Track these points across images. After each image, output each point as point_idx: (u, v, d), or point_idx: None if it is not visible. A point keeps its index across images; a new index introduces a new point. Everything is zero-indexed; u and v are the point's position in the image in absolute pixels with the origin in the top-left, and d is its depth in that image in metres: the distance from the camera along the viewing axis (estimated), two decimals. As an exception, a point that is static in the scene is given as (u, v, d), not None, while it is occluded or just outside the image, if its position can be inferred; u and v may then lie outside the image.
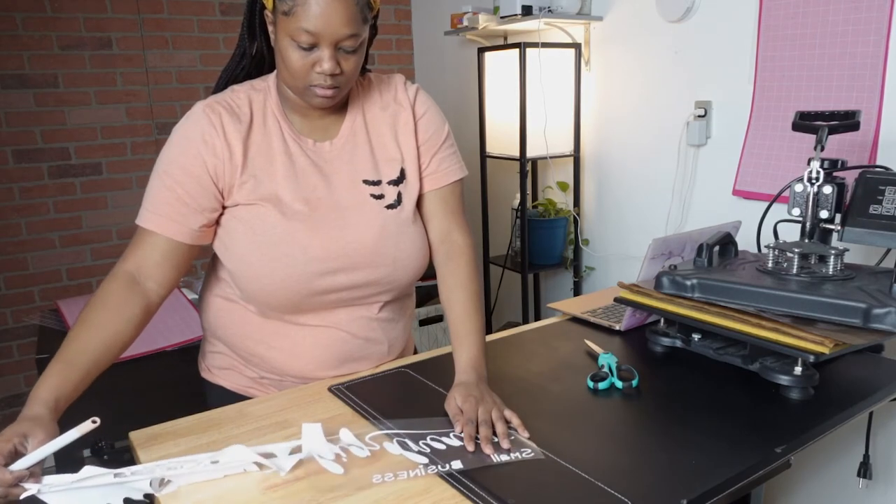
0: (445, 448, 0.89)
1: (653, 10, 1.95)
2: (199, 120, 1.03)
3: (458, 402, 0.95)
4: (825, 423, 0.96)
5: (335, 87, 0.99)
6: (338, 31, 0.94)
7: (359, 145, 1.11)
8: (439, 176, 1.15)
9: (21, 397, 2.55)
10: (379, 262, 1.09)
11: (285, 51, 0.97)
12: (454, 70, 2.84)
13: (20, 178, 2.42)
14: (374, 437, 0.92)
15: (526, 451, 0.88)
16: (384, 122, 1.12)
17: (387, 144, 1.12)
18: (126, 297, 1.01)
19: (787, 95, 1.65)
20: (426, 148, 1.14)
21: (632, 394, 1.05)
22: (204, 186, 1.02)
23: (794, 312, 1.04)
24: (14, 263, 2.45)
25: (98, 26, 2.46)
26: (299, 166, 1.06)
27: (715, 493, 0.81)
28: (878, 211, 1.12)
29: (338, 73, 0.97)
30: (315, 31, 0.93)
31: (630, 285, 1.25)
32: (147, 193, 1.04)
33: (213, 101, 1.05)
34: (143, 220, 1.03)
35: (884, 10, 1.44)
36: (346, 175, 1.09)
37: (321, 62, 0.96)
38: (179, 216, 1.01)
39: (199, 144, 1.01)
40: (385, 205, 1.10)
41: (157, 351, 1.72)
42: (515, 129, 2.13)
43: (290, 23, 0.94)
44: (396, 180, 1.12)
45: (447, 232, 1.16)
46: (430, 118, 1.15)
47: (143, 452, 0.93)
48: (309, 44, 0.95)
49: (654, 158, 2.04)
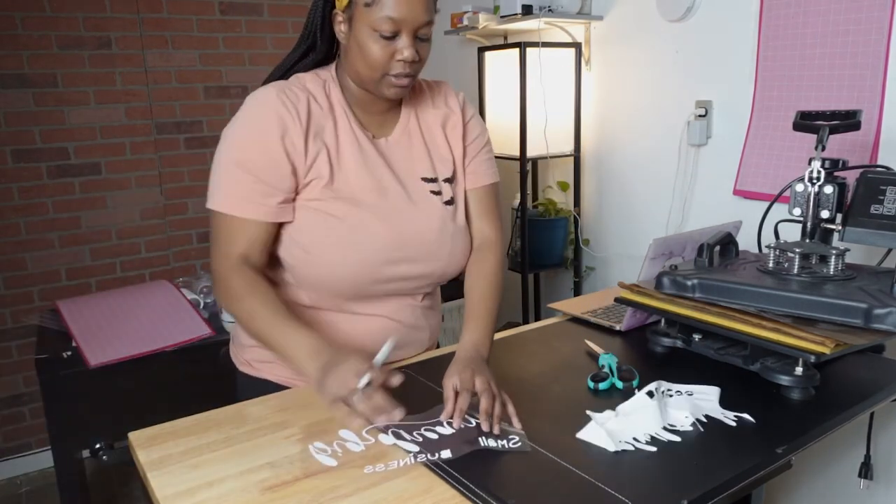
0: (437, 437, 0.90)
1: (653, 9, 1.95)
2: (274, 104, 1.02)
3: (455, 374, 0.97)
4: (826, 424, 0.96)
5: (412, 74, 1.03)
6: (418, 17, 0.98)
7: (414, 143, 1.15)
8: (478, 177, 1.20)
9: (20, 397, 2.55)
10: (437, 255, 1.13)
11: (365, 43, 0.99)
12: (454, 70, 2.83)
13: (19, 177, 2.41)
14: (370, 431, 0.93)
15: (513, 440, 0.89)
16: (436, 121, 1.17)
17: (439, 144, 1.17)
18: (260, 276, 1.05)
19: (787, 95, 1.65)
20: (470, 149, 1.20)
21: (632, 394, 1.04)
22: (284, 172, 1.03)
23: (794, 313, 1.04)
24: (13, 263, 2.45)
25: (97, 26, 2.46)
26: (367, 155, 1.09)
27: (715, 493, 0.80)
28: (879, 211, 1.12)
29: (416, 61, 1.01)
30: (399, 19, 0.97)
31: (630, 285, 1.25)
32: (221, 178, 1.03)
33: (284, 85, 1.05)
34: (229, 207, 1.03)
35: (885, 9, 1.44)
36: (406, 170, 1.13)
37: (402, 50, 0.99)
38: (266, 198, 1.03)
39: (279, 130, 1.02)
40: (444, 200, 1.15)
41: (157, 351, 1.71)
42: (516, 129, 2.13)
43: (371, 13, 0.97)
44: (450, 178, 1.17)
45: (480, 230, 1.21)
46: (476, 123, 1.22)
47: (142, 453, 0.92)
48: (391, 31, 0.98)
49: (654, 158, 2.04)
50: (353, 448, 0.90)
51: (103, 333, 1.76)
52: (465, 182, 1.20)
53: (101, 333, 1.76)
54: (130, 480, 2.49)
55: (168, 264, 2.73)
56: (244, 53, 2.73)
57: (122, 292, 2.02)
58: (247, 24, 2.72)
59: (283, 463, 0.87)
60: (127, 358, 1.67)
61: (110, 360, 1.66)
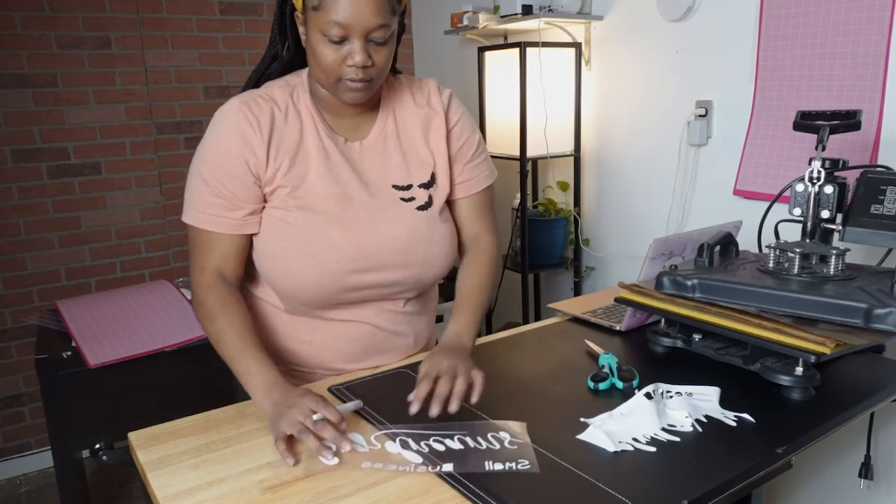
0: (444, 450, 0.88)
1: (653, 9, 1.95)
2: (236, 118, 1.03)
3: (428, 359, 0.96)
4: (826, 424, 0.96)
5: (367, 80, 1.00)
6: (367, 21, 0.95)
7: (389, 148, 1.12)
8: (472, 184, 1.18)
9: (20, 397, 2.55)
10: (409, 262, 1.11)
11: (316, 46, 0.98)
12: (454, 69, 2.83)
13: (19, 177, 2.41)
14: (378, 437, 0.93)
15: (523, 463, 0.85)
16: (415, 123, 1.13)
17: (417, 148, 1.13)
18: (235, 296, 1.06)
19: (788, 95, 1.65)
20: (459, 156, 1.16)
21: (632, 394, 1.04)
22: (248, 185, 1.04)
23: (795, 312, 1.04)
24: (13, 263, 2.45)
25: (97, 26, 2.46)
26: (333, 161, 1.08)
27: (715, 493, 0.80)
28: (880, 211, 1.11)
29: (369, 66, 0.98)
30: (345, 23, 0.94)
31: (631, 285, 1.25)
32: (192, 193, 1.05)
33: (248, 97, 1.05)
34: (199, 222, 1.05)
35: (885, 9, 1.44)
36: (376, 177, 1.10)
37: (352, 55, 0.97)
38: (230, 212, 1.04)
39: (240, 144, 1.02)
40: (416, 206, 1.12)
41: (157, 351, 1.71)
42: (516, 129, 2.13)
43: (319, 17, 0.95)
44: (427, 183, 1.13)
45: (477, 234, 1.20)
46: (463, 125, 1.17)
47: (142, 453, 0.92)
48: (339, 36, 0.96)
49: (654, 158, 2.04)
50: (358, 450, 0.90)
51: (103, 333, 1.76)
52: (456, 191, 1.17)
53: (101, 333, 1.76)
54: (130, 480, 2.49)
55: (168, 264, 2.73)
56: (244, 53, 2.73)
57: (122, 292, 2.02)
58: (246, 24, 2.72)
59: (283, 463, 0.87)
60: (127, 358, 1.67)
61: (110, 360, 1.65)
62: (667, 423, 0.94)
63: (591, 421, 0.95)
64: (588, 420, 0.95)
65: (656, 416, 0.95)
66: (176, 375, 1.76)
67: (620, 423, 0.94)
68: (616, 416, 0.96)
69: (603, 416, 0.96)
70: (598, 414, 0.97)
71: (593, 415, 0.97)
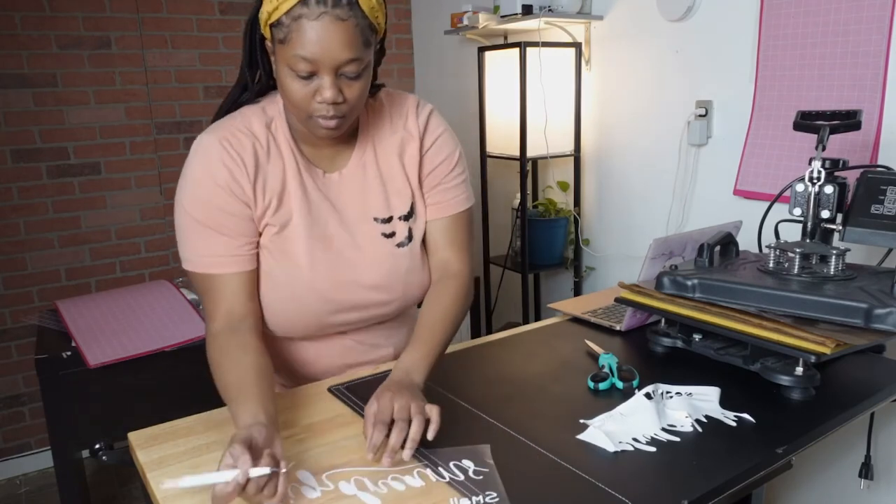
0: (404, 489, 0.81)
1: (653, 9, 1.95)
2: (219, 154, 0.98)
3: (375, 399, 0.88)
4: (826, 424, 0.96)
5: (339, 116, 0.94)
6: (336, 56, 0.88)
7: (369, 178, 1.08)
8: (443, 206, 1.12)
9: (20, 397, 2.55)
10: (389, 298, 1.11)
11: (285, 81, 0.92)
12: (454, 69, 2.83)
13: (19, 177, 2.41)
14: (330, 476, 0.84)
15: (491, 496, 0.78)
16: (393, 149, 1.09)
17: (396, 176, 1.09)
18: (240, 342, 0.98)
19: (788, 95, 1.65)
20: (432, 178, 1.11)
21: (632, 394, 1.04)
22: (246, 220, 1.00)
23: (795, 313, 1.04)
24: (12, 263, 2.45)
25: (97, 25, 2.46)
26: (312, 200, 1.04)
27: (715, 493, 0.80)
28: (880, 211, 1.11)
29: (340, 102, 0.92)
30: (312, 58, 0.88)
31: (631, 285, 1.25)
32: (189, 238, 1.00)
33: (226, 132, 0.99)
34: (204, 267, 1.00)
35: (885, 8, 1.44)
36: (356, 209, 1.07)
37: (322, 91, 0.91)
38: (237, 249, 1.00)
39: (229, 181, 0.98)
40: (396, 243, 1.09)
41: (157, 351, 1.71)
42: (516, 129, 2.13)
43: (286, 51, 0.89)
44: (407, 215, 1.10)
45: (446, 261, 1.13)
46: (441, 146, 1.11)
47: (142, 453, 0.92)
48: (307, 72, 0.90)
49: (654, 158, 2.04)
50: (307, 493, 0.80)
51: (103, 333, 1.76)
52: (427, 211, 1.12)
53: (101, 333, 1.76)
54: (130, 480, 2.49)
55: (168, 264, 2.73)
56: (244, 53, 2.73)
57: (122, 292, 2.02)
58: (246, 24, 2.72)
59: (283, 463, 0.87)
60: (127, 358, 1.67)
61: (110, 360, 1.65)
62: (667, 423, 0.94)
63: (591, 421, 0.95)
64: (588, 421, 0.95)
65: (656, 417, 0.95)
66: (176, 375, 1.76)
67: (620, 424, 0.94)
68: (616, 416, 0.96)
69: (603, 417, 0.96)
70: (598, 414, 0.97)
71: (593, 415, 0.97)
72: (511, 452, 0.89)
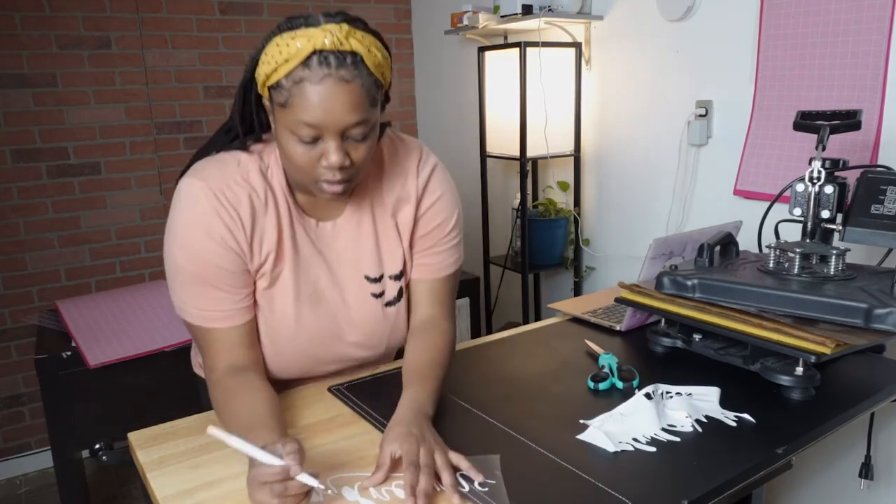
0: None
1: (653, 9, 1.95)
2: (214, 205, 0.92)
3: (395, 440, 0.84)
4: (826, 424, 0.96)
5: (346, 180, 0.89)
6: (342, 119, 0.84)
7: (363, 233, 1.04)
8: (432, 269, 1.09)
9: (20, 397, 2.54)
10: (372, 353, 1.12)
11: (286, 145, 0.87)
12: (454, 69, 2.83)
13: (19, 177, 2.41)
14: (334, 480, 0.84)
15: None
16: (388, 208, 1.05)
17: (390, 235, 1.05)
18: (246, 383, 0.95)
19: (788, 95, 1.65)
20: (424, 241, 1.07)
21: (632, 394, 1.04)
22: (240, 271, 0.96)
23: (795, 313, 1.04)
24: (12, 263, 2.45)
25: (97, 25, 2.46)
26: (303, 255, 1.00)
27: (715, 493, 0.80)
28: (880, 211, 1.11)
29: (347, 165, 0.88)
30: (316, 124, 0.84)
31: (631, 285, 1.25)
32: (186, 291, 0.95)
33: (221, 182, 0.93)
34: (200, 321, 0.96)
35: (885, 8, 1.44)
36: (348, 264, 1.04)
37: (327, 155, 0.86)
38: (234, 304, 0.97)
39: (224, 236, 0.93)
40: (384, 302, 1.07)
41: (157, 351, 1.71)
42: (516, 129, 2.13)
43: (287, 115, 0.85)
44: (398, 275, 1.07)
45: (431, 318, 1.10)
46: (439, 209, 1.06)
47: (142, 453, 0.92)
48: (311, 137, 0.85)
49: (654, 158, 2.04)
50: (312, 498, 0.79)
51: (103, 333, 1.76)
52: (415, 270, 1.08)
53: (100, 333, 1.76)
54: (130, 480, 2.49)
55: (168, 264, 2.72)
56: (244, 53, 2.73)
57: (121, 292, 2.02)
58: (246, 24, 2.72)
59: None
60: (127, 358, 1.67)
61: (110, 360, 1.65)
62: (667, 424, 0.94)
63: (591, 421, 0.95)
64: (588, 421, 0.95)
65: (656, 417, 0.95)
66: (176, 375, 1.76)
67: (620, 424, 0.94)
68: (616, 416, 0.96)
69: (603, 417, 0.96)
70: (598, 414, 0.97)
71: (593, 415, 0.97)
72: (511, 452, 0.89)
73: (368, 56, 0.85)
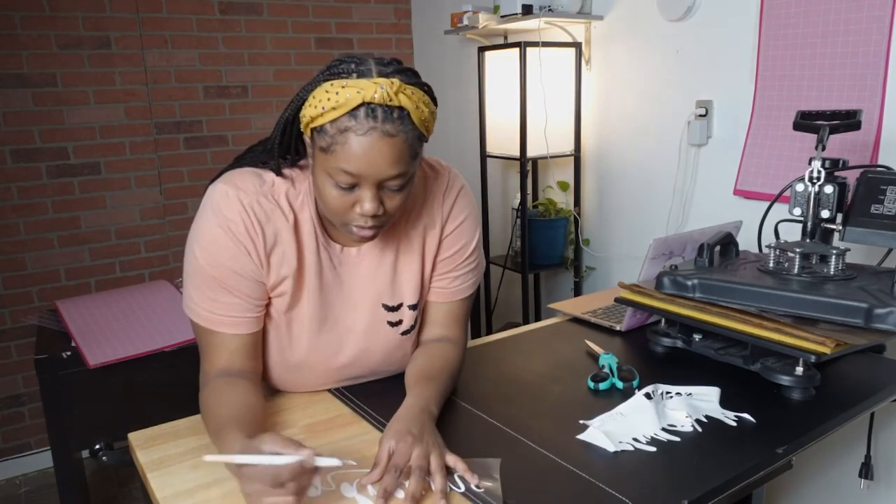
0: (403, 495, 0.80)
1: (654, 9, 1.95)
2: (241, 215, 0.93)
3: (393, 437, 0.85)
4: (827, 424, 0.96)
5: (377, 226, 0.91)
6: (382, 172, 0.85)
7: (386, 261, 1.04)
8: (450, 292, 1.10)
9: (19, 397, 2.54)
10: (385, 371, 1.11)
11: (323, 187, 0.88)
12: (454, 69, 2.83)
13: (18, 177, 2.41)
14: (334, 476, 0.84)
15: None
16: (416, 239, 1.05)
17: (413, 266, 1.05)
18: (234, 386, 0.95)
19: (788, 95, 1.65)
20: (445, 264, 1.08)
21: (632, 394, 1.04)
22: (255, 282, 0.97)
23: (795, 312, 1.04)
24: (12, 263, 2.45)
25: (97, 25, 2.46)
26: (325, 281, 1.01)
27: (716, 493, 0.80)
28: (880, 211, 1.11)
29: (381, 214, 0.89)
30: (356, 173, 0.84)
31: (631, 285, 1.25)
32: (195, 286, 0.96)
33: (252, 196, 0.94)
34: (207, 322, 0.97)
35: (885, 8, 1.44)
36: (367, 291, 1.04)
37: (362, 203, 0.87)
38: (244, 312, 0.97)
39: (245, 242, 0.94)
40: (401, 331, 1.07)
41: (157, 351, 1.71)
42: (516, 129, 2.13)
43: (328, 160, 0.85)
44: (415, 305, 1.07)
45: (442, 338, 1.10)
46: (460, 234, 1.07)
47: (142, 453, 0.92)
48: (349, 184, 0.86)
49: (654, 158, 2.04)
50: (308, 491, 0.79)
51: (103, 333, 1.76)
52: (432, 293, 1.09)
53: (100, 333, 1.75)
54: (130, 480, 2.49)
55: (168, 264, 2.72)
56: (244, 53, 2.73)
57: (121, 292, 2.02)
58: (246, 24, 2.72)
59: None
60: (127, 358, 1.67)
61: (110, 360, 1.65)
62: (667, 423, 0.94)
63: (591, 421, 0.95)
64: (588, 421, 0.95)
65: (656, 417, 0.95)
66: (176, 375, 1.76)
67: (620, 424, 0.94)
68: (616, 416, 0.96)
69: (603, 417, 0.96)
70: (598, 414, 0.97)
71: (593, 415, 0.97)
72: (511, 452, 0.89)
73: (415, 112, 0.86)
